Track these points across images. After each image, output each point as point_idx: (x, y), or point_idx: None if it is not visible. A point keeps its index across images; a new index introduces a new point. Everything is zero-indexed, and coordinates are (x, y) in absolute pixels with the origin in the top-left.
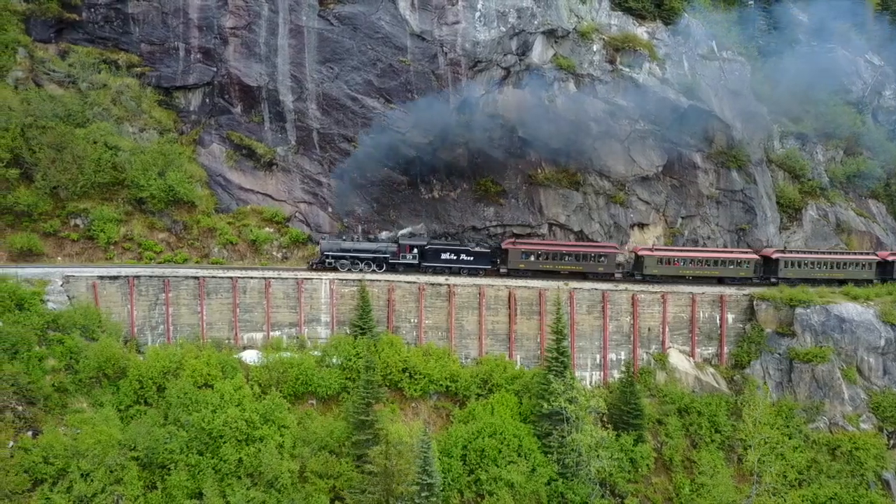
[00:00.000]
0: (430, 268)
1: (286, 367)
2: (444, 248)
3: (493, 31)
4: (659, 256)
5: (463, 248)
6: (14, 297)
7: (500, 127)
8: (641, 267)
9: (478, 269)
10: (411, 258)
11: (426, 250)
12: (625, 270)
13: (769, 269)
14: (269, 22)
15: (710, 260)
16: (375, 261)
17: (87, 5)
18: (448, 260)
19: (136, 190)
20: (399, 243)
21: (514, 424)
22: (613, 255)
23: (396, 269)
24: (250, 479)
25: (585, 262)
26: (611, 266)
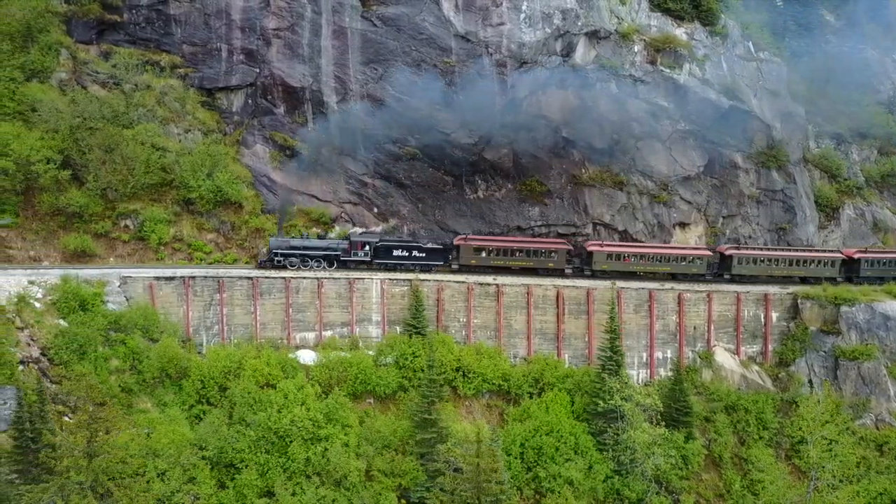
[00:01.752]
0: (382, 265)
1: (345, 367)
2: (397, 244)
3: (538, 33)
4: (608, 252)
5: (415, 244)
6: (77, 298)
7: (545, 127)
8: (591, 262)
9: (430, 265)
10: (363, 255)
11: (378, 247)
12: (576, 266)
13: (724, 266)
14: (312, 23)
15: (663, 256)
16: (326, 258)
17: (129, 6)
18: (400, 256)
19: (184, 191)
20: (351, 240)
21: (569, 422)
22: (563, 251)
23: (348, 266)
24: (318, 477)
25: (536, 258)
26: (561, 262)
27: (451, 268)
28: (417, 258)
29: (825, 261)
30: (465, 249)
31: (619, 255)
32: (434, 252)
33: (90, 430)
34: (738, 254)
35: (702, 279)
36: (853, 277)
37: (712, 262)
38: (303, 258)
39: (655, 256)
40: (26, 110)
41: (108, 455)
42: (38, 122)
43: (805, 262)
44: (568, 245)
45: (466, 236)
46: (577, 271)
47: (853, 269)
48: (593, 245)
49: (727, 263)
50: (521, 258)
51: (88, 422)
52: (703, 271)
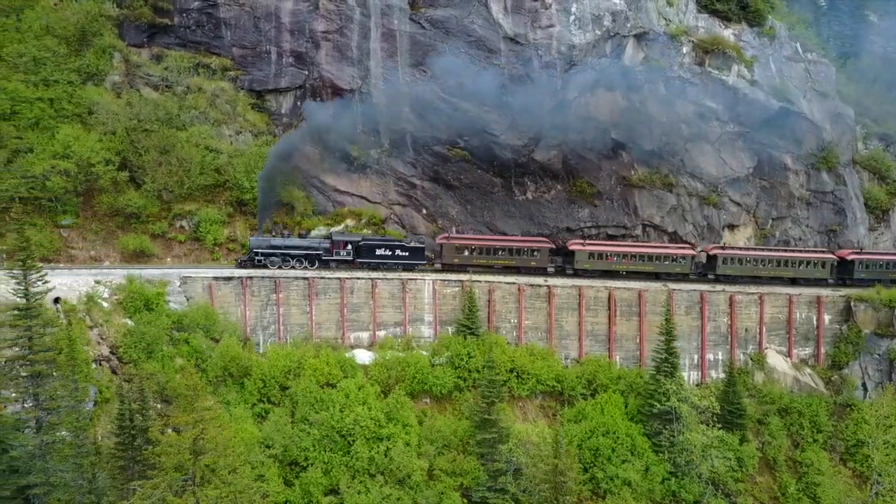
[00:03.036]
0: (364, 264)
1: (403, 367)
2: (379, 243)
3: (588, 35)
4: (590, 251)
5: (398, 243)
6: (141, 298)
7: (594, 128)
8: (573, 261)
9: (413, 264)
10: (345, 254)
11: (360, 246)
12: (558, 265)
13: (709, 266)
14: (360, 26)
15: (645, 255)
16: (308, 257)
17: (179, 10)
18: (383, 256)
19: (237, 192)
20: (332, 239)
21: (624, 424)
22: (546, 250)
23: (329, 266)
24: (381, 476)
25: (519, 257)
26: (544, 260)
27: (434, 266)
28: (400, 257)
29: (816, 262)
30: (448, 248)
31: (602, 255)
32: (416, 251)
33: (197, 428)
34: (724, 253)
35: (686, 279)
36: (846, 279)
37: (697, 262)
38: (284, 257)
39: (638, 255)
40: (83, 113)
41: (214, 452)
42: (95, 124)
43: (794, 262)
44: (550, 244)
45: (449, 235)
46: (560, 270)
47: (847, 271)
48: (575, 244)
49: (713, 263)
50: (504, 257)
51: (196, 420)
52: (688, 271)
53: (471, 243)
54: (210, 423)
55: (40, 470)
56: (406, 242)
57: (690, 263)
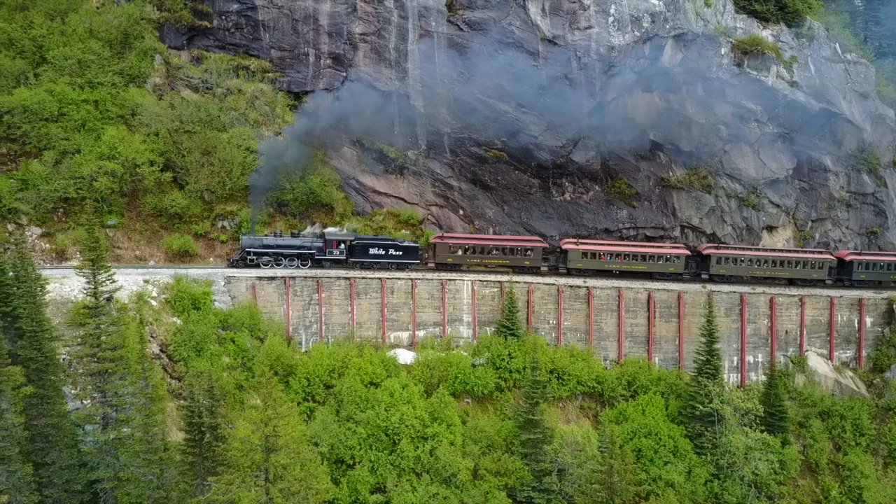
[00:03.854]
0: (357, 263)
1: (445, 367)
2: (373, 242)
3: (626, 36)
4: (583, 250)
5: (392, 242)
6: (189, 297)
7: (631, 130)
8: (566, 261)
9: (407, 263)
10: (338, 253)
11: (354, 245)
12: (551, 264)
13: (702, 265)
14: (398, 28)
15: (638, 255)
16: (300, 257)
17: (218, 13)
18: (376, 255)
19: (278, 193)
20: (325, 238)
21: (666, 425)
22: (539, 249)
23: (322, 265)
24: (427, 475)
25: (513, 256)
26: (537, 260)
27: (427, 266)
28: (394, 256)
29: (812, 262)
30: (442, 247)
31: (594, 254)
32: (410, 250)
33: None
34: (717, 253)
35: (679, 279)
36: (845, 280)
37: (690, 262)
38: (276, 256)
39: (631, 255)
40: (127, 114)
41: (287, 450)
42: (138, 125)
43: (790, 263)
44: (544, 243)
45: (442, 234)
46: (553, 269)
47: (846, 272)
48: (568, 243)
49: (706, 263)
50: (497, 256)
51: (270, 417)
52: (681, 270)
53: (464, 242)
54: (282, 421)
55: (108, 465)
56: (399, 242)
57: (683, 263)
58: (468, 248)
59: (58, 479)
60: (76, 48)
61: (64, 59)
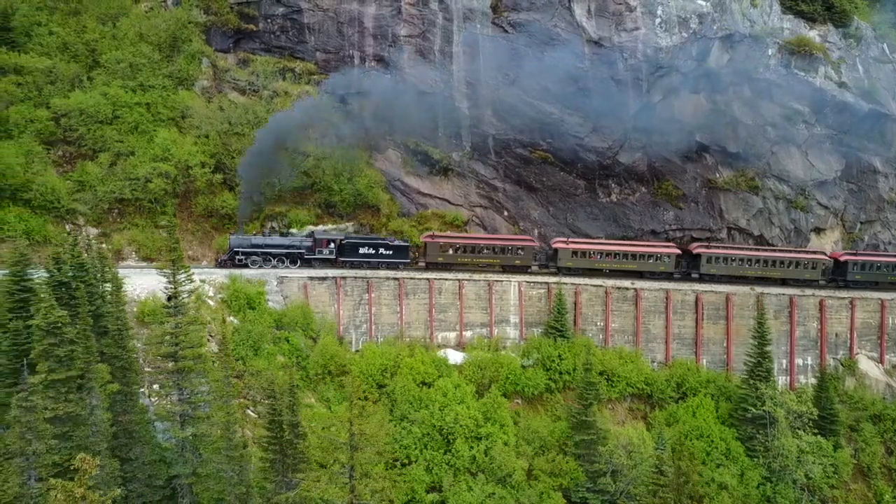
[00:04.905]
0: (347, 262)
1: (496, 367)
2: (363, 242)
3: (674, 37)
4: (573, 249)
5: (382, 241)
6: (244, 296)
7: (678, 131)
8: (556, 259)
9: (397, 263)
10: (328, 253)
11: (344, 245)
12: (542, 263)
13: (692, 265)
14: (443, 30)
15: (627, 254)
16: (289, 256)
17: (264, 16)
18: (366, 255)
19: (326, 194)
20: (315, 238)
21: (718, 427)
22: (531, 248)
23: (312, 265)
24: (482, 475)
25: (503, 255)
26: (528, 259)
27: (418, 265)
28: (384, 256)
29: (806, 262)
30: (432, 247)
31: (585, 253)
32: (400, 250)
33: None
34: (708, 252)
35: (669, 278)
36: (839, 281)
37: (680, 261)
38: (265, 256)
39: (621, 254)
40: (177, 117)
41: (372, 447)
42: (188, 128)
43: (783, 262)
44: (534, 242)
45: (433, 234)
46: (543, 268)
47: (840, 272)
48: (558, 242)
49: (696, 262)
50: (488, 255)
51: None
52: (671, 269)
53: (455, 242)
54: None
55: (186, 461)
56: (390, 241)
57: (674, 262)
58: (458, 248)
59: (141, 475)
60: (127, 52)
61: (116, 63)
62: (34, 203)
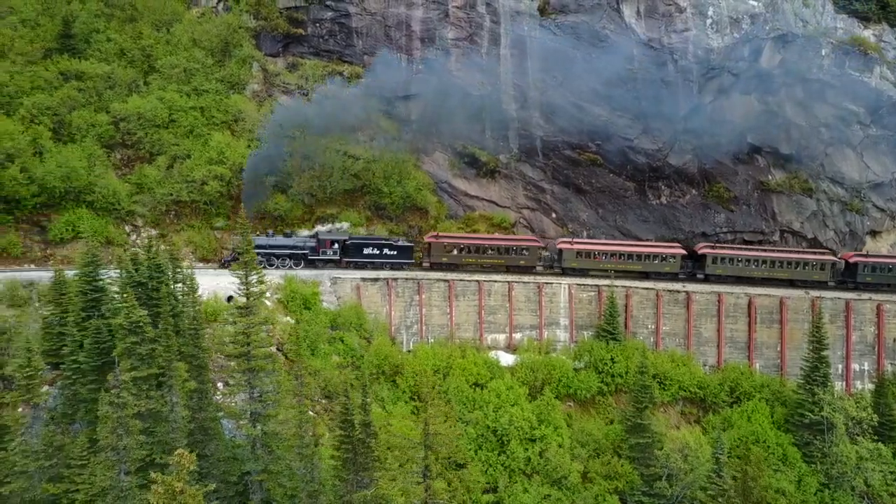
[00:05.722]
0: (351, 263)
1: (549, 369)
2: (367, 242)
3: (725, 38)
4: (578, 250)
5: (386, 242)
6: (300, 297)
7: (729, 133)
8: (561, 260)
9: (402, 263)
10: (332, 253)
11: (348, 245)
12: (546, 263)
13: (698, 265)
14: (490, 33)
15: (633, 254)
16: (293, 257)
17: (313, 20)
18: (371, 255)
19: (376, 196)
20: (319, 238)
21: (774, 433)
22: (535, 249)
23: (316, 265)
24: (537, 476)
25: (507, 256)
26: (533, 259)
27: (423, 265)
28: (388, 256)
29: (813, 263)
30: (437, 247)
31: (589, 253)
32: (405, 250)
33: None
34: (713, 253)
35: (675, 278)
36: (848, 282)
37: (686, 262)
38: (268, 257)
39: (626, 255)
40: (230, 120)
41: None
42: (241, 131)
43: (790, 263)
44: (539, 242)
45: (438, 234)
46: (548, 268)
47: (850, 274)
48: (563, 242)
49: (702, 263)
50: (493, 256)
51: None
52: (676, 270)
53: (459, 242)
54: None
55: (258, 458)
56: (394, 241)
57: (679, 263)
58: (463, 248)
59: (216, 471)
60: (181, 57)
61: (171, 68)
62: (96, 205)
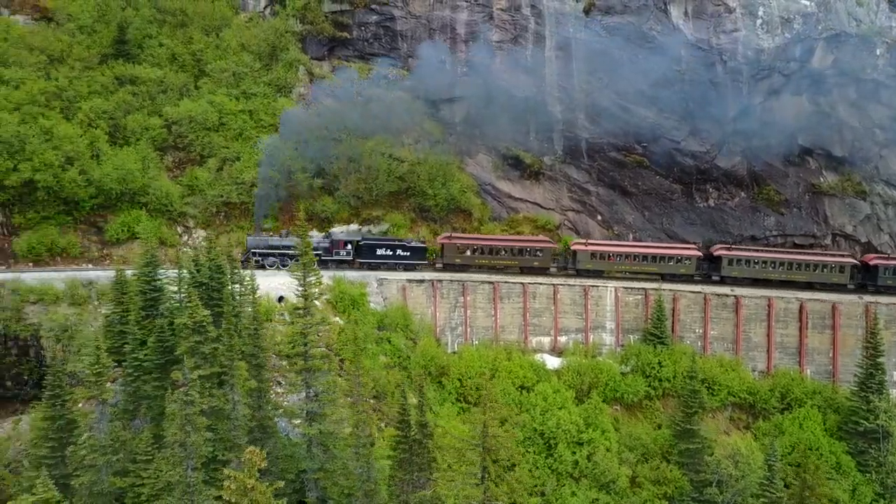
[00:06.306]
0: (364, 264)
1: (596, 373)
2: (380, 243)
3: (776, 38)
4: (592, 251)
5: (399, 243)
6: (349, 298)
7: (779, 134)
8: (575, 262)
9: (414, 264)
10: (345, 254)
11: (361, 246)
12: (560, 265)
13: (714, 267)
14: (535, 34)
15: (648, 256)
16: None
17: (358, 24)
18: (383, 255)
19: (420, 198)
20: (332, 239)
21: (827, 440)
22: (549, 250)
23: (328, 266)
24: (585, 480)
25: (521, 257)
26: (546, 261)
27: (435, 266)
28: (401, 257)
29: (833, 266)
30: (450, 248)
31: (604, 255)
32: (417, 251)
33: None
34: (729, 255)
35: (690, 280)
36: (868, 285)
37: (702, 263)
38: (281, 257)
39: (641, 256)
40: (278, 123)
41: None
42: (289, 134)
43: (808, 266)
44: (553, 244)
45: (451, 235)
46: (562, 270)
47: (871, 277)
48: (577, 244)
49: (717, 264)
50: (506, 257)
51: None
52: (692, 272)
53: (472, 243)
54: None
55: (314, 457)
56: (407, 242)
57: (694, 264)
58: (476, 249)
59: (274, 469)
60: (230, 61)
61: (221, 72)
62: (150, 206)
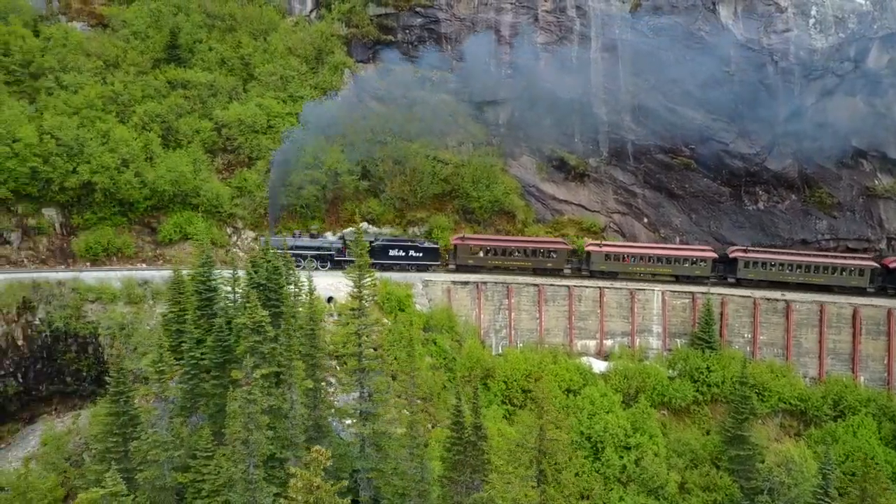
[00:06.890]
0: (378, 264)
1: (643, 377)
2: (393, 244)
3: (830, 38)
4: (606, 252)
5: (412, 243)
6: (395, 299)
7: (832, 136)
8: (589, 263)
9: (428, 265)
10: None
11: (374, 246)
12: (574, 266)
13: (730, 269)
14: (580, 36)
15: (662, 257)
16: (319, 258)
17: (402, 27)
18: (397, 256)
19: (465, 200)
20: (345, 240)
21: (882, 449)
22: (563, 251)
23: (342, 266)
24: (633, 485)
25: (534, 258)
26: (560, 262)
27: (448, 268)
28: (414, 258)
29: (852, 268)
30: (463, 249)
31: (618, 256)
32: (430, 252)
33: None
34: (745, 257)
35: (705, 282)
36: (889, 288)
37: (717, 265)
38: (297, 258)
39: (656, 257)
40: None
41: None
42: (335, 136)
43: (826, 268)
44: (567, 245)
45: (464, 236)
46: (576, 271)
47: (892, 280)
48: (591, 245)
49: (733, 267)
50: (520, 258)
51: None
52: (707, 274)
53: (485, 244)
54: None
55: (368, 456)
56: (420, 243)
57: (710, 266)
58: (489, 250)
59: (331, 467)
60: (278, 65)
61: (269, 76)
62: (201, 208)
